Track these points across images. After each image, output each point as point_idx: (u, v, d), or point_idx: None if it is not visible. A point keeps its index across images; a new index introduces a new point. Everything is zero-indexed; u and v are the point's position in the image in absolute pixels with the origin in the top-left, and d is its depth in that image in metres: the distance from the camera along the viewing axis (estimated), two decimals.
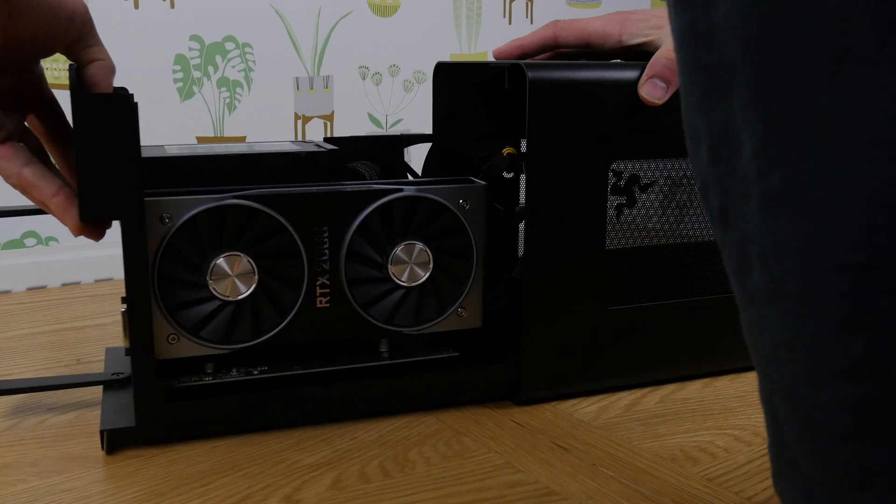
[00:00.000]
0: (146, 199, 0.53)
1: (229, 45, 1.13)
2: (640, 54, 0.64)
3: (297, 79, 1.19)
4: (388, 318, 0.60)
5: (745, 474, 0.54)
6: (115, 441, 0.57)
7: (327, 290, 0.58)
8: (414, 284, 0.60)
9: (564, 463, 0.56)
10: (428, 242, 0.59)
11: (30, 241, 1.03)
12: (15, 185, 0.53)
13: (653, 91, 0.60)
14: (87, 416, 0.63)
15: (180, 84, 1.10)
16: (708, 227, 0.68)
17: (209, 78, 1.12)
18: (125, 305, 0.55)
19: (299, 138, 1.20)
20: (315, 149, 0.61)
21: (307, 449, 0.57)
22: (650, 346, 0.66)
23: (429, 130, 0.75)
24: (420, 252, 0.59)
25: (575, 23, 0.68)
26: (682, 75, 0.33)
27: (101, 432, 0.57)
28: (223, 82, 1.13)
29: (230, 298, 0.55)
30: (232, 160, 0.59)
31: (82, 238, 0.54)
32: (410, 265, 0.59)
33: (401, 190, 0.58)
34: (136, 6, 1.06)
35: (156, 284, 0.54)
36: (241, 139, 1.15)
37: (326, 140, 0.65)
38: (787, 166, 0.28)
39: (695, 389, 0.68)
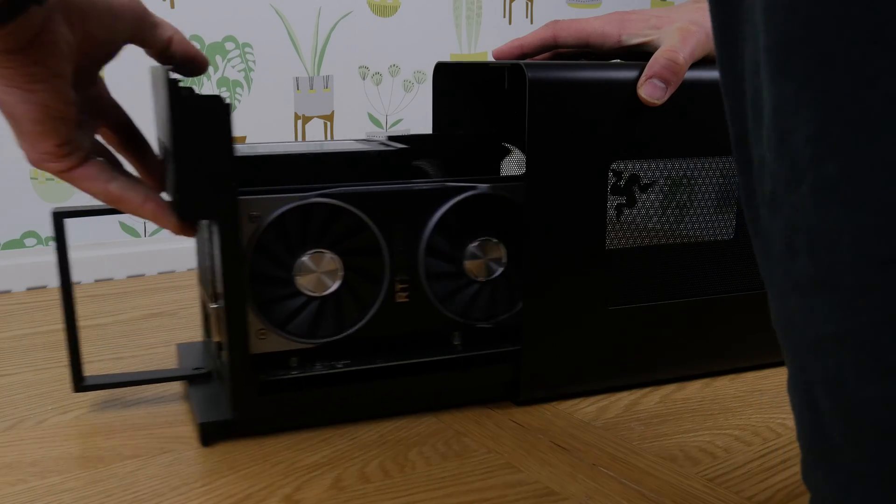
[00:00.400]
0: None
1: (229, 45, 1.13)
2: (639, 54, 0.64)
3: (297, 79, 1.19)
4: (463, 311, 0.62)
5: (745, 474, 0.54)
6: (210, 434, 0.58)
7: (406, 286, 0.60)
8: (488, 279, 0.62)
9: (564, 463, 0.56)
10: (500, 238, 0.62)
11: (30, 241, 1.03)
12: (103, 201, 0.54)
13: (652, 91, 0.60)
14: (87, 417, 0.63)
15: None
16: (708, 227, 0.68)
17: (209, 78, 1.12)
18: (213, 302, 0.57)
19: (299, 138, 1.20)
20: (386, 147, 0.63)
21: (307, 449, 0.57)
22: (650, 346, 0.66)
23: (429, 131, 0.75)
24: (494, 247, 0.62)
25: (574, 23, 0.68)
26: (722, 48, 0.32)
27: (200, 425, 0.58)
28: (223, 82, 1.13)
29: (316, 294, 0.58)
30: (309, 159, 0.60)
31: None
32: (485, 261, 0.61)
33: (475, 187, 0.60)
34: None
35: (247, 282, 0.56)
36: (241, 139, 1.15)
37: (391, 139, 0.66)
38: (846, 155, 0.27)
39: (695, 389, 0.68)
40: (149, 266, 1.04)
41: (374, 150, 0.62)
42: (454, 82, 0.73)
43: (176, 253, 1.06)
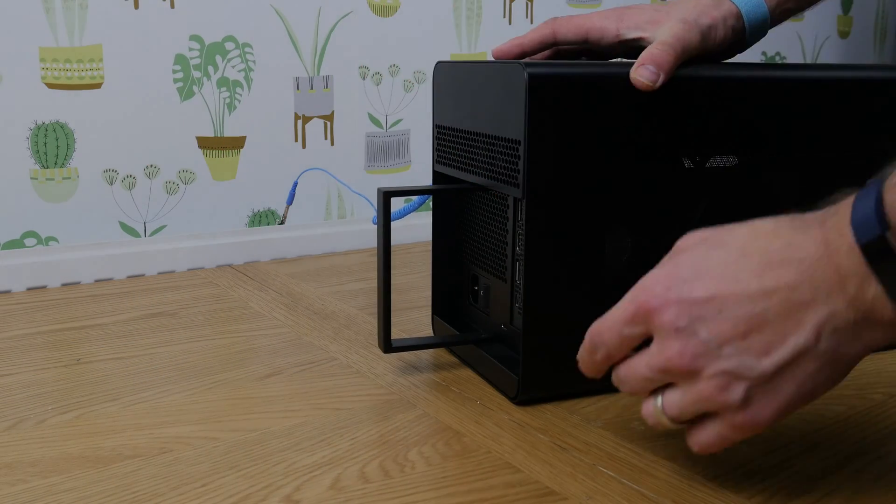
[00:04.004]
0: None
1: (229, 45, 1.13)
2: (638, 49, 0.65)
3: (297, 79, 1.19)
4: None
5: (746, 474, 0.54)
6: (525, 395, 0.64)
7: None
8: None
9: (564, 463, 0.56)
10: None
11: (30, 241, 1.03)
12: None
13: (645, 74, 0.60)
14: (87, 416, 0.63)
15: (180, 84, 1.10)
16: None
17: (209, 78, 1.12)
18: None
19: (299, 138, 1.20)
20: None
21: (307, 449, 0.57)
22: None
23: (429, 130, 0.75)
24: None
25: (573, 19, 0.69)
26: None
27: (516, 386, 0.63)
28: (223, 82, 1.13)
29: None
30: None
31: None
32: None
33: None
34: (136, 6, 1.06)
35: None
36: (241, 139, 1.15)
37: None
38: None
39: None
40: (149, 266, 1.04)
41: None
42: (454, 82, 0.73)
43: (176, 253, 1.06)
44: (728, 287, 0.45)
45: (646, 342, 0.49)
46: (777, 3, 0.68)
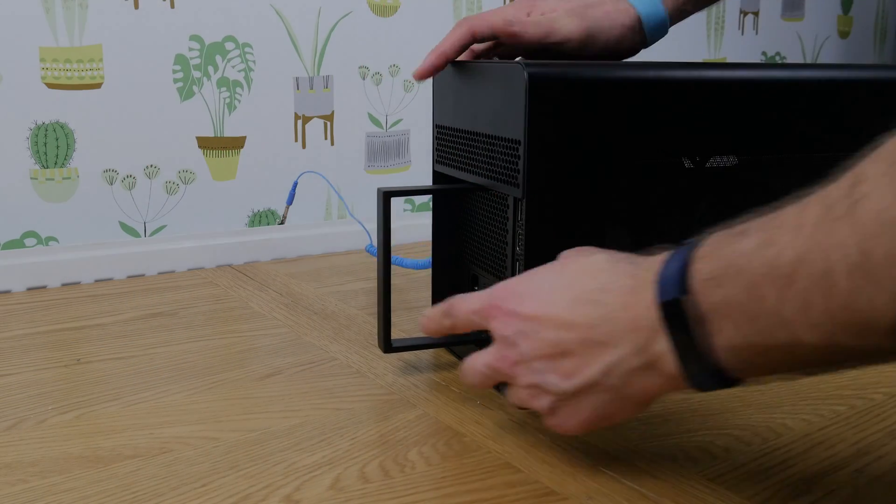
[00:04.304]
0: None
1: (229, 45, 1.13)
2: (550, 45, 0.68)
3: (297, 79, 1.19)
4: None
5: (745, 474, 0.54)
6: None
7: None
8: None
9: (564, 463, 0.56)
10: None
11: (30, 241, 1.03)
12: None
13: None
14: (87, 416, 0.63)
15: (180, 84, 1.10)
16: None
17: (209, 78, 1.12)
18: None
19: (299, 138, 1.20)
20: None
21: (307, 449, 0.57)
22: None
23: (429, 130, 0.75)
24: None
25: (487, 16, 0.70)
26: None
27: None
28: (223, 82, 1.13)
29: None
30: None
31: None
32: None
33: None
34: (136, 6, 1.06)
35: None
36: (241, 139, 1.15)
37: None
38: None
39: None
40: (149, 266, 1.04)
41: None
42: (454, 82, 0.73)
43: (176, 253, 1.06)
44: (547, 311, 0.50)
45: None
46: (673, 5, 0.73)
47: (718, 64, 0.68)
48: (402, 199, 1.31)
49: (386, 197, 0.66)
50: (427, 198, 1.30)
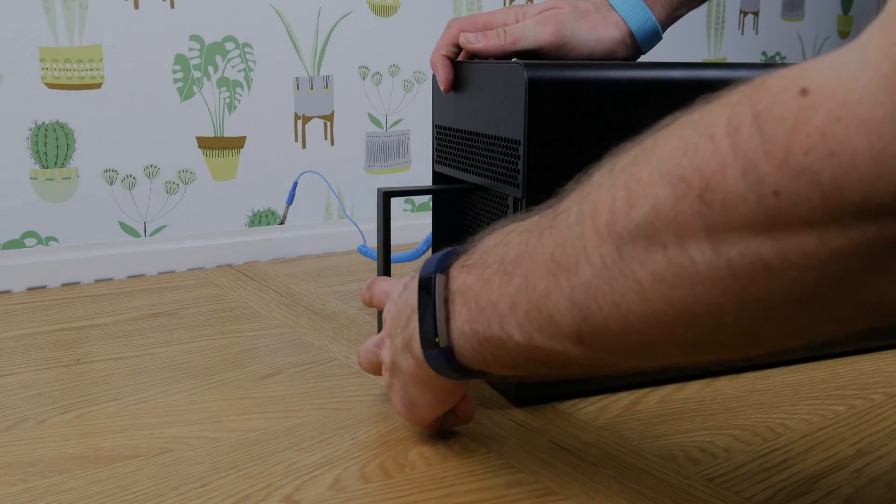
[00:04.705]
0: None
1: (229, 45, 1.13)
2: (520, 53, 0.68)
3: (297, 79, 1.19)
4: None
5: (745, 474, 0.54)
6: (525, 395, 0.64)
7: None
8: None
9: (564, 463, 0.56)
10: None
11: (30, 241, 1.03)
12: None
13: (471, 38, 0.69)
14: (87, 416, 0.63)
15: (180, 84, 1.10)
16: None
17: (209, 78, 1.12)
18: None
19: (299, 138, 1.20)
20: None
21: (307, 449, 0.57)
22: None
23: (429, 130, 0.75)
24: None
25: (476, 18, 0.71)
26: None
27: (517, 387, 0.63)
28: (223, 82, 1.13)
29: None
30: None
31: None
32: None
33: None
34: (136, 6, 1.06)
35: None
36: (241, 139, 1.15)
37: None
38: None
39: (695, 389, 0.68)
40: (149, 266, 1.04)
41: None
42: (454, 82, 0.73)
43: (176, 253, 1.06)
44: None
45: None
46: (667, 14, 0.73)
47: (718, 64, 0.68)
48: (402, 199, 1.31)
49: (386, 197, 0.66)
50: (427, 198, 1.30)
